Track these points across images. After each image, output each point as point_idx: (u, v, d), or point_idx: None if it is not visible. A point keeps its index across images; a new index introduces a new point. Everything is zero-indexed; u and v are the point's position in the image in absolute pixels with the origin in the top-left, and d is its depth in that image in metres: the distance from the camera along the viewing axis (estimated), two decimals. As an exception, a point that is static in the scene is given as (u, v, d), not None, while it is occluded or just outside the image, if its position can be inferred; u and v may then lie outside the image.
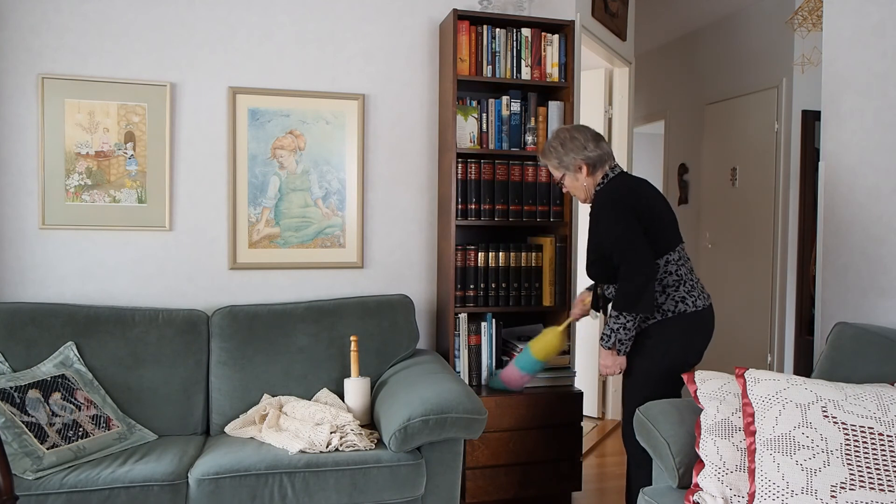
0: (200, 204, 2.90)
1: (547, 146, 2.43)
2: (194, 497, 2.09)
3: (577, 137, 2.36)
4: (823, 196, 2.57)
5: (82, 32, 2.76)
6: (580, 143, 2.35)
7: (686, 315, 2.27)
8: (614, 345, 2.27)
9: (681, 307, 2.26)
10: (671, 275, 2.28)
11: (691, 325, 2.28)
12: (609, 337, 2.27)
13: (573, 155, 2.35)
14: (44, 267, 2.75)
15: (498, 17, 2.92)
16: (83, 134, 2.76)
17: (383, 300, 2.88)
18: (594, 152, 2.35)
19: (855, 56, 2.43)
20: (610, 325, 2.27)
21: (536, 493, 2.84)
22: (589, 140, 2.35)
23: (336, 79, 3.03)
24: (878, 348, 1.99)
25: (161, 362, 2.57)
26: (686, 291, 2.28)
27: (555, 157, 2.40)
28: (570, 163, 2.36)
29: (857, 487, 1.53)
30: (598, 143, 2.36)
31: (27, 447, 2.06)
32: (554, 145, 2.40)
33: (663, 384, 2.28)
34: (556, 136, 2.42)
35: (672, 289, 2.28)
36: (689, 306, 2.27)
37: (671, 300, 2.27)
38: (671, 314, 2.27)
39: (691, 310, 2.27)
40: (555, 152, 2.39)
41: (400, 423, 2.18)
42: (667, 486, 1.96)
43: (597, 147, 2.35)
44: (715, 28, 5.07)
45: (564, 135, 2.39)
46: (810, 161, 4.24)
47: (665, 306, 2.27)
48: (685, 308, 2.26)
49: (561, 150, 2.37)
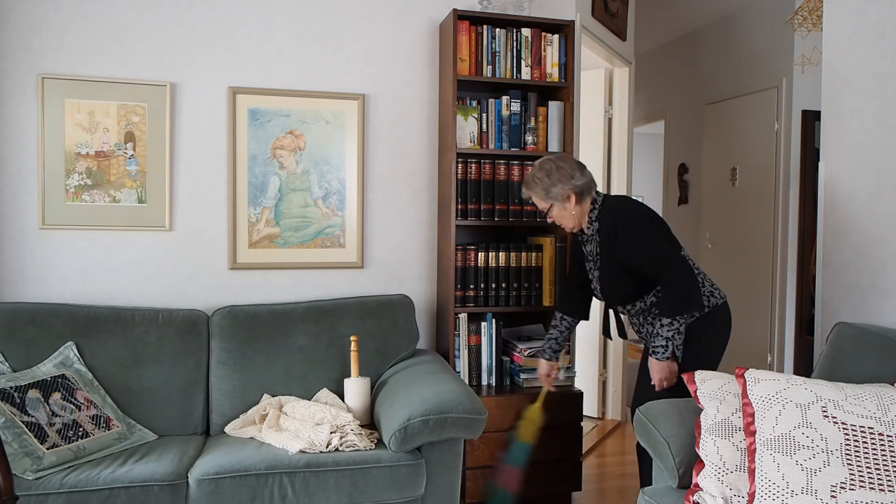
0: (200, 204, 2.90)
1: (531, 178, 2.38)
2: (194, 497, 2.09)
3: (563, 167, 2.33)
4: (823, 196, 2.57)
5: (82, 32, 2.76)
6: (567, 173, 2.32)
7: (718, 307, 2.33)
8: (672, 354, 2.24)
9: (713, 300, 2.32)
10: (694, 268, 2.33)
11: (724, 316, 2.34)
12: (666, 348, 2.22)
13: (561, 185, 2.32)
14: (44, 267, 2.75)
15: (498, 17, 2.92)
16: (83, 134, 2.76)
17: (383, 300, 2.88)
18: (580, 181, 2.33)
19: (855, 56, 2.43)
20: (663, 334, 2.21)
21: (536, 493, 2.84)
22: (575, 169, 2.34)
23: (336, 79, 3.03)
24: (878, 348, 1.99)
25: (161, 362, 2.56)
26: (710, 286, 2.34)
27: (541, 187, 2.35)
28: (557, 193, 2.33)
29: (857, 487, 1.53)
30: (583, 172, 2.35)
31: (27, 447, 2.06)
32: (539, 176, 2.35)
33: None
34: (541, 167, 2.37)
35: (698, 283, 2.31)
36: (717, 299, 2.33)
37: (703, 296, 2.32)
38: (707, 308, 2.31)
39: (720, 301, 2.33)
40: (541, 183, 2.35)
41: (400, 423, 2.18)
42: (667, 486, 1.96)
43: (582, 175, 2.34)
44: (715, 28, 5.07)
45: (550, 165, 2.35)
46: (810, 161, 4.24)
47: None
48: (716, 301, 2.32)
49: (547, 180, 2.33)
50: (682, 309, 2.18)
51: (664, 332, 2.21)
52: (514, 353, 2.96)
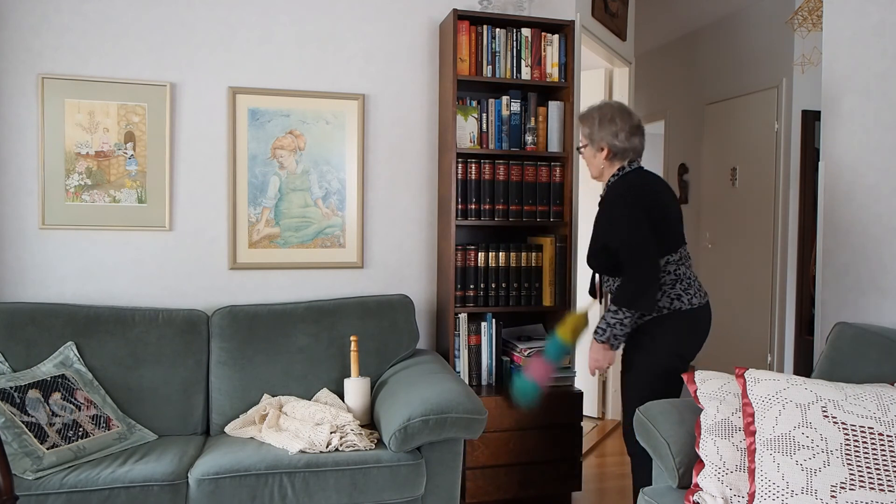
0: (200, 204, 2.90)
1: (589, 113, 2.40)
2: (194, 497, 2.09)
3: (616, 122, 2.34)
4: (823, 196, 2.57)
5: (82, 32, 2.76)
6: (614, 130, 2.34)
7: (681, 312, 2.29)
8: (608, 339, 2.28)
9: (676, 304, 2.29)
10: (669, 274, 2.31)
11: (686, 322, 2.30)
12: (605, 331, 2.28)
13: (603, 135, 2.35)
14: (44, 267, 2.75)
15: (498, 17, 2.92)
16: (83, 134, 2.76)
17: (383, 300, 2.88)
18: (623, 143, 2.34)
19: (855, 56, 2.43)
20: (607, 319, 2.27)
21: (536, 494, 2.84)
22: (624, 130, 2.34)
23: (336, 79, 3.03)
24: (878, 348, 1.99)
25: (161, 362, 2.56)
26: (682, 289, 2.30)
27: (589, 126, 2.39)
28: (597, 139, 2.37)
29: (857, 487, 1.53)
30: (631, 137, 2.35)
31: (27, 447, 2.06)
32: (594, 117, 2.38)
33: (663, 382, 2.29)
34: (601, 109, 2.39)
35: (668, 286, 2.30)
36: (683, 304, 2.29)
37: (667, 297, 2.30)
38: (666, 311, 2.29)
39: (686, 307, 2.29)
40: (590, 123, 2.38)
41: (400, 423, 2.18)
42: (667, 486, 1.96)
43: (628, 140, 2.34)
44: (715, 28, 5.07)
45: (607, 112, 2.37)
46: (810, 161, 4.24)
47: (661, 303, 2.30)
48: (680, 305, 2.29)
49: (596, 125, 2.36)
50: (630, 303, 2.21)
51: (608, 316, 2.27)
52: (514, 353, 2.96)
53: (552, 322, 3.13)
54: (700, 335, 2.35)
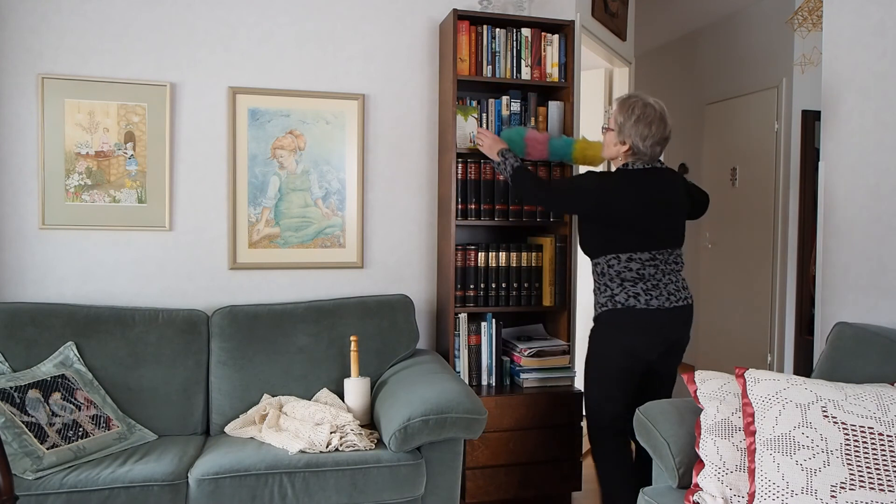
0: (200, 204, 2.90)
1: (630, 105, 2.40)
2: (194, 497, 2.09)
3: (651, 129, 2.36)
4: (823, 196, 2.57)
5: (82, 32, 2.76)
6: (645, 134, 2.36)
7: (634, 310, 2.35)
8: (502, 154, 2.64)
9: (631, 302, 2.36)
10: (632, 271, 2.36)
11: (635, 320, 2.36)
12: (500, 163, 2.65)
13: (632, 133, 2.38)
14: (44, 267, 2.75)
15: (498, 17, 2.92)
16: (83, 134, 2.76)
17: (383, 300, 2.88)
18: (645, 149, 2.38)
19: (855, 56, 2.43)
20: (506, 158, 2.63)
21: (536, 494, 2.84)
22: (653, 138, 2.37)
23: (336, 79, 3.03)
24: (878, 348, 1.99)
25: (161, 362, 2.56)
26: (643, 289, 2.36)
27: (623, 117, 2.40)
28: (625, 134, 2.40)
29: (857, 487, 1.53)
30: (655, 146, 2.39)
31: (27, 447, 2.06)
32: (634, 113, 2.38)
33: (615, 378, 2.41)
34: (644, 108, 2.38)
35: (630, 283, 2.37)
36: (639, 303, 2.35)
37: (624, 293, 2.37)
38: (620, 306, 2.38)
39: (641, 307, 2.35)
40: (627, 116, 2.39)
41: (400, 423, 2.18)
42: (667, 486, 1.96)
43: (651, 147, 2.38)
44: (715, 28, 5.07)
45: (647, 115, 2.37)
46: (810, 161, 4.24)
47: (618, 297, 2.38)
48: (635, 304, 2.35)
49: (631, 122, 2.38)
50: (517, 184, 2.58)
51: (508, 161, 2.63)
52: (514, 353, 2.96)
53: (552, 322, 3.14)
54: (652, 336, 2.38)
